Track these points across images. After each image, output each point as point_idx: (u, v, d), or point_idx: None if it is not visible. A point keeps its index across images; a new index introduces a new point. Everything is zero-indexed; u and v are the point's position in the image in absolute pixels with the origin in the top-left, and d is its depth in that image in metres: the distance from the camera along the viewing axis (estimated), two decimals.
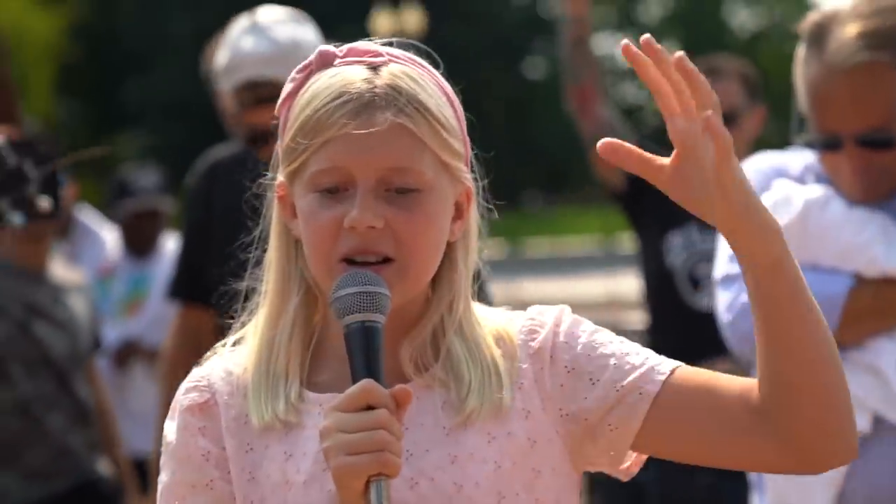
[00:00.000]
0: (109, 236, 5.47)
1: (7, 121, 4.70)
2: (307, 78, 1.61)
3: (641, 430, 1.56)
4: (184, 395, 1.63)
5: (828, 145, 2.55)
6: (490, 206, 1.69)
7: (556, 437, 1.58)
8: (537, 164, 47.93)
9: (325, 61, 1.60)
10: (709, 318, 3.65)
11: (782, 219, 2.41)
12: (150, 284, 5.19)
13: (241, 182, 3.38)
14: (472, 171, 1.66)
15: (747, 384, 1.55)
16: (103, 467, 4.12)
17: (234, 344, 1.66)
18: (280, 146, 1.61)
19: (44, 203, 2.62)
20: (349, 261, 1.51)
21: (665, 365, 1.58)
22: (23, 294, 3.96)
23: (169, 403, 3.40)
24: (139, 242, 5.38)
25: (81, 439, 4.05)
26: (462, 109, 1.65)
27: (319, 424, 1.44)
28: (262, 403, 1.55)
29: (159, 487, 1.62)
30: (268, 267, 1.64)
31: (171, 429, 1.62)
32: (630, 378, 1.56)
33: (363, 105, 1.51)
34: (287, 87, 1.63)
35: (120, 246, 5.45)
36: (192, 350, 3.44)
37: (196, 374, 1.65)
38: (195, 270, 3.52)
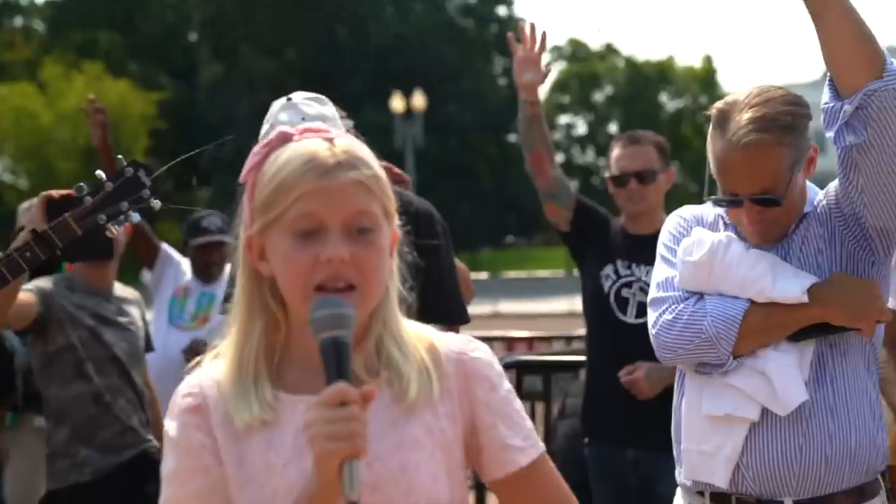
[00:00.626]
0: (185, 264, 5.52)
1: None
2: (269, 153, 1.60)
3: (493, 482, 1.64)
4: (181, 399, 1.60)
5: (731, 203, 2.51)
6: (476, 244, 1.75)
7: (460, 445, 1.60)
8: (515, 211, 47.20)
9: (285, 139, 1.60)
10: (631, 329, 3.77)
11: (695, 257, 2.51)
12: (215, 302, 5.23)
13: None
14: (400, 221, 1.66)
15: None
16: (153, 441, 4.06)
17: (214, 358, 1.65)
18: (248, 206, 1.61)
19: (155, 204, 2.74)
20: (321, 288, 1.50)
21: (533, 449, 1.62)
22: (93, 307, 3.94)
23: None
24: (206, 270, 5.40)
25: (139, 419, 4.02)
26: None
27: (299, 418, 1.46)
28: (241, 408, 1.54)
29: (163, 474, 1.60)
30: (237, 300, 1.63)
31: (171, 426, 1.59)
32: (512, 442, 1.60)
33: (329, 168, 1.52)
34: (252, 160, 1.63)
35: (192, 272, 5.48)
36: None
37: (190, 382, 1.62)
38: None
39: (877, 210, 2.39)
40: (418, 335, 1.64)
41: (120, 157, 2.90)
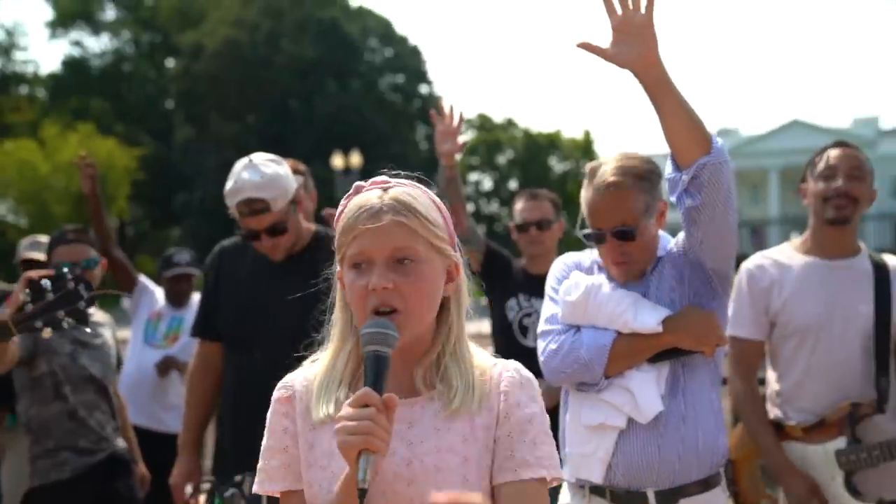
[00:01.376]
0: (158, 293, 5.43)
1: (97, 221, 4.75)
2: (349, 202, 1.61)
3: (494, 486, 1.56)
4: (276, 391, 1.64)
5: (596, 238, 2.57)
6: None
7: (490, 450, 1.56)
8: None
9: (357, 190, 1.62)
10: (531, 351, 3.66)
11: (573, 296, 2.57)
12: (183, 324, 5.13)
13: (239, 261, 3.40)
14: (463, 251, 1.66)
15: None
16: (122, 443, 4.02)
17: (312, 362, 1.65)
18: (336, 245, 1.62)
19: (88, 313, 2.70)
20: (376, 312, 1.51)
21: (542, 470, 1.55)
22: (71, 332, 3.61)
23: (191, 399, 3.45)
24: (177, 297, 5.32)
25: (112, 427, 3.93)
26: (448, 214, 1.65)
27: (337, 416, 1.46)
28: (319, 405, 1.56)
29: (262, 448, 1.63)
30: (334, 322, 1.64)
31: (269, 411, 1.63)
32: (521, 456, 1.55)
33: (374, 213, 1.53)
34: (340, 209, 1.63)
35: (165, 299, 5.40)
36: (207, 366, 3.46)
37: (286, 379, 1.65)
38: (209, 318, 3.43)
39: (713, 257, 2.48)
40: (475, 358, 1.62)
41: (66, 270, 2.82)
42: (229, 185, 3.22)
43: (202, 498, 3.51)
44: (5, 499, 4.11)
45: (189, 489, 3.50)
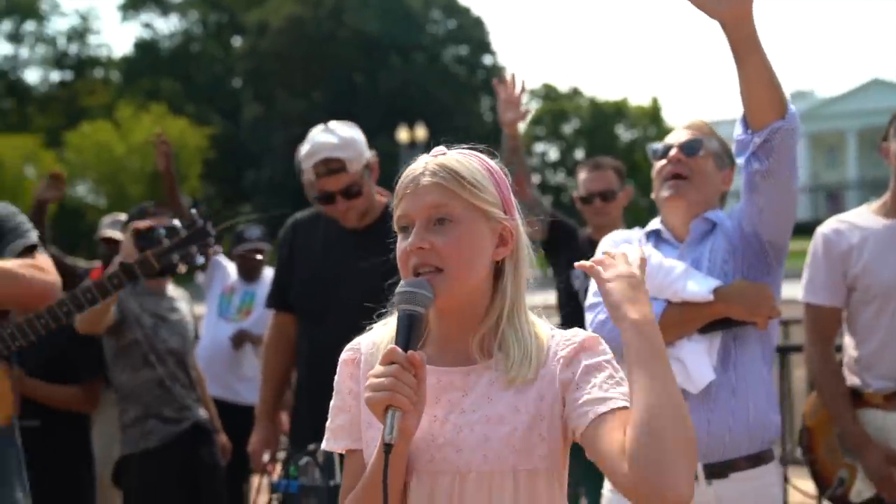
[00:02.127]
0: (231, 268, 5.51)
1: (172, 199, 4.88)
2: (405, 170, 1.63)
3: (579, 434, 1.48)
4: (344, 353, 1.65)
5: (664, 151, 2.63)
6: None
7: (549, 421, 1.52)
8: None
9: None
10: None
11: None
12: (255, 298, 5.21)
13: (311, 234, 3.46)
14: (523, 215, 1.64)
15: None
16: (204, 413, 4.10)
17: (384, 325, 1.64)
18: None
19: (215, 249, 2.75)
20: (416, 272, 1.53)
21: (616, 401, 1.47)
22: (152, 307, 3.95)
23: (267, 369, 3.54)
24: (248, 272, 5.39)
25: (192, 398, 4.02)
26: (505, 180, 1.63)
27: (429, 389, 1.48)
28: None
29: (330, 407, 1.64)
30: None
31: (338, 371, 1.64)
32: (597, 395, 1.48)
33: (416, 177, 1.56)
34: (399, 176, 1.64)
35: (237, 274, 5.47)
36: (281, 337, 3.51)
37: (354, 341, 1.66)
38: (282, 290, 3.47)
39: (772, 228, 2.46)
40: (536, 327, 1.60)
41: (194, 210, 2.87)
42: (305, 148, 3.28)
43: (278, 466, 3.58)
44: (98, 462, 4.26)
45: (266, 456, 3.58)
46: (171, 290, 4.25)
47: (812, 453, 3.11)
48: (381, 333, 1.64)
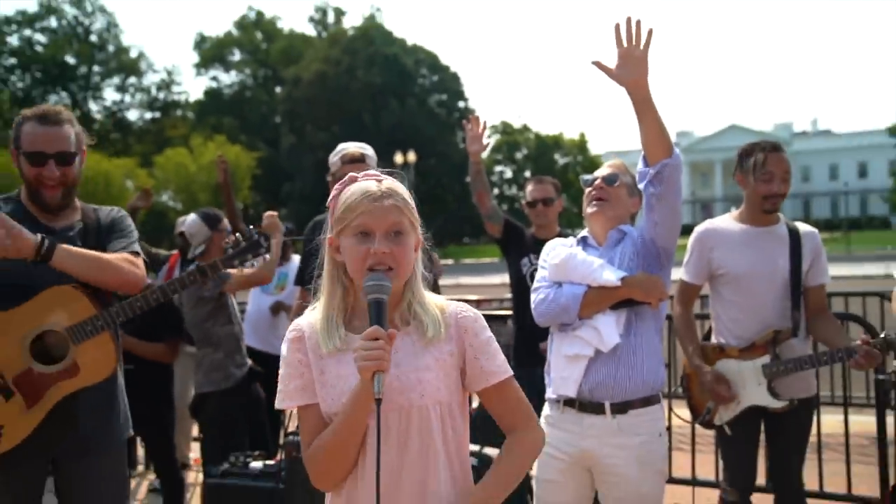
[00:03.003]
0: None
1: (228, 203, 4.73)
2: (344, 188, 1.57)
3: (474, 391, 1.57)
4: (289, 333, 1.58)
5: (591, 181, 2.60)
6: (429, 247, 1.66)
7: (455, 369, 1.54)
8: (469, 224, 46.50)
9: (352, 180, 1.57)
10: None
11: (556, 260, 2.54)
12: (287, 277, 5.05)
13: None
14: (422, 230, 1.61)
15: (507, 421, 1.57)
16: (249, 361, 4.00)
17: (311, 310, 1.59)
18: (330, 220, 1.57)
19: (266, 255, 2.71)
20: (371, 269, 1.48)
21: (502, 374, 1.55)
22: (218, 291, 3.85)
23: None
24: (281, 257, 5.28)
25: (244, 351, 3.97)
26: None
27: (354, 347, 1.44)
28: (326, 340, 1.52)
29: (279, 376, 1.57)
30: (324, 277, 1.58)
31: (283, 349, 1.57)
32: (487, 369, 1.54)
33: (377, 197, 1.50)
34: (334, 192, 1.59)
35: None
36: (306, 307, 3.55)
37: (295, 323, 1.59)
38: (306, 271, 3.34)
39: (663, 236, 2.45)
40: (433, 300, 1.58)
41: (251, 227, 2.80)
42: (335, 151, 3.33)
43: None
44: (176, 398, 4.21)
45: None
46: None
47: (689, 392, 3.11)
48: (315, 316, 1.57)
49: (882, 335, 2.82)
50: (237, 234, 2.61)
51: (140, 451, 5.32)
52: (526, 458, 1.58)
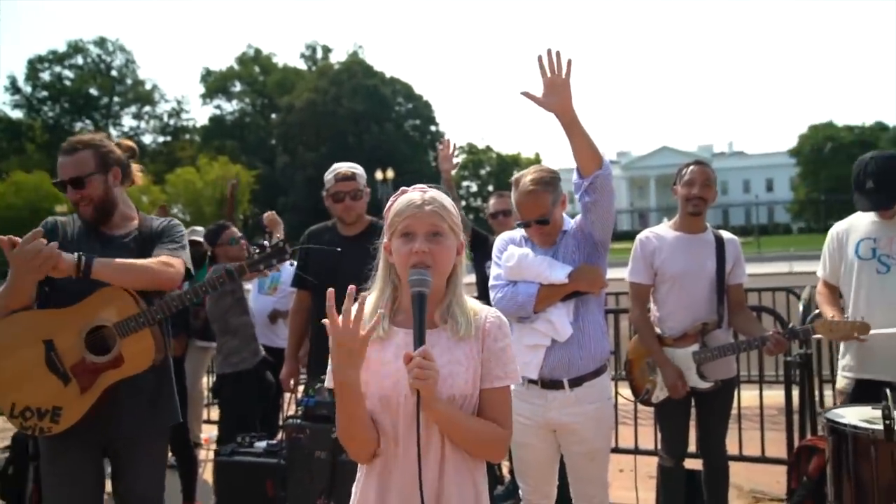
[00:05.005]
0: None
1: (230, 213, 4.81)
2: (396, 199, 1.54)
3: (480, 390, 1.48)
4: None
5: (525, 225, 2.49)
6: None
7: (479, 366, 1.47)
8: None
9: (403, 192, 1.54)
10: None
11: (510, 263, 2.46)
12: (280, 279, 4.83)
13: (320, 239, 3.27)
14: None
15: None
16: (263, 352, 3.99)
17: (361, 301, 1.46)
18: (386, 226, 1.52)
19: (284, 260, 2.55)
20: (414, 266, 1.44)
21: (507, 380, 1.49)
22: (237, 288, 3.85)
23: (293, 327, 3.39)
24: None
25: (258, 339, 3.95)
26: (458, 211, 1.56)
27: (401, 339, 1.43)
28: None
29: (329, 360, 1.47)
30: (378, 275, 1.54)
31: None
32: (496, 373, 1.48)
33: (419, 204, 1.48)
34: (389, 203, 1.55)
35: None
36: (301, 307, 3.39)
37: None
38: (301, 276, 3.32)
39: (600, 232, 2.42)
40: (470, 304, 1.53)
41: (279, 236, 2.67)
42: (330, 171, 3.24)
43: (300, 388, 3.51)
44: (189, 387, 4.15)
45: (291, 383, 3.50)
46: None
47: (631, 374, 3.11)
48: (365, 304, 1.48)
49: (790, 325, 2.89)
50: (265, 241, 2.55)
51: None
52: (494, 435, 1.47)
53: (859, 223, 2.89)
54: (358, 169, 3.26)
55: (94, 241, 2.25)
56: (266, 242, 2.51)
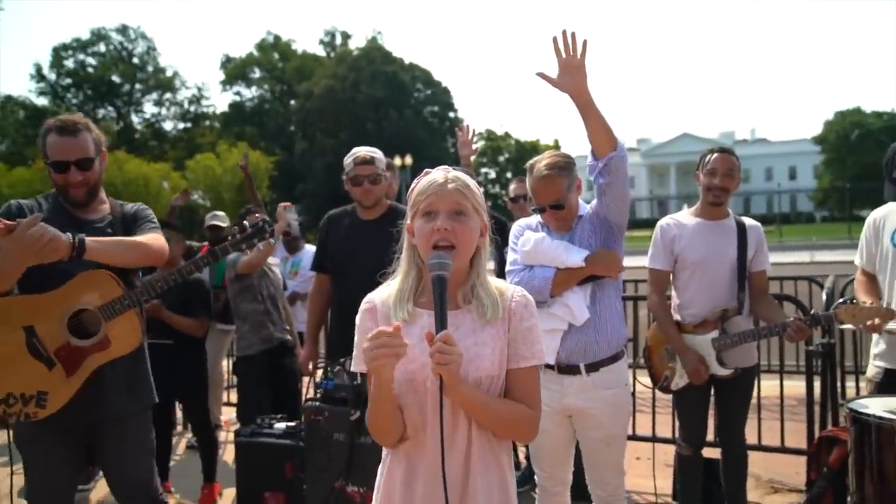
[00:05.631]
0: (280, 244, 5.14)
1: (251, 192, 4.76)
2: (419, 180, 1.51)
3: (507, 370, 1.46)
4: (364, 304, 1.51)
5: (539, 211, 2.48)
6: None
7: (506, 347, 1.45)
8: None
9: (427, 173, 1.52)
10: None
11: (527, 248, 2.45)
12: (300, 264, 4.98)
13: (339, 223, 3.30)
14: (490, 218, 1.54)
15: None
16: (289, 337, 4.00)
17: (387, 285, 1.52)
18: (409, 207, 1.50)
19: (272, 240, 2.61)
20: (436, 247, 1.42)
21: (534, 360, 1.46)
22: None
23: (312, 310, 3.42)
24: (291, 247, 5.15)
25: (279, 327, 3.92)
26: (481, 193, 1.52)
27: (425, 321, 1.40)
28: (397, 312, 1.44)
29: (355, 343, 1.49)
30: (402, 258, 1.51)
31: (357, 319, 1.50)
32: (522, 353, 1.46)
33: (441, 184, 1.46)
34: (413, 185, 1.52)
35: (284, 248, 5.18)
36: (321, 290, 3.38)
37: (368, 297, 1.51)
38: (321, 259, 3.32)
39: (615, 216, 2.40)
40: (494, 283, 1.50)
41: (258, 215, 2.73)
42: (349, 154, 3.20)
43: (319, 371, 3.54)
44: (210, 369, 4.20)
45: (311, 366, 3.52)
46: (270, 259, 4.13)
47: (649, 361, 3.10)
48: (388, 290, 1.50)
49: (812, 312, 2.84)
50: (244, 223, 2.56)
51: (178, 415, 5.31)
52: (521, 416, 1.44)
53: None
54: (377, 153, 3.25)
55: (68, 225, 2.18)
56: (246, 223, 2.52)
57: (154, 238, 2.27)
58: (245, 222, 2.54)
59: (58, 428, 2.20)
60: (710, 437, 3.14)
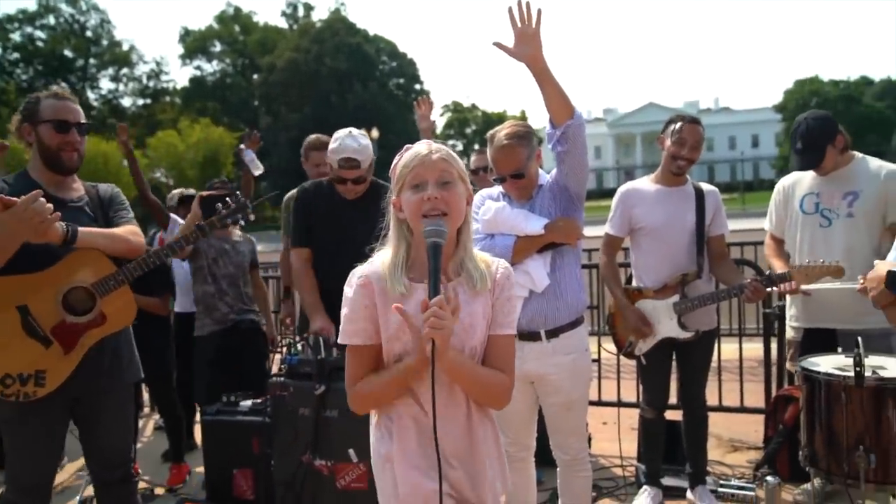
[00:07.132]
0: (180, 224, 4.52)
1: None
2: (401, 155, 1.51)
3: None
4: (357, 279, 1.48)
5: (500, 180, 2.47)
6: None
7: (490, 315, 1.48)
8: None
9: (408, 148, 1.52)
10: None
11: (487, 216, 2.45)
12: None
13: (319, 197, 3.05)
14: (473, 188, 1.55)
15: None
16: (250, 315, 3.83)
17: (370, 263, 1.50)
18: (393, 182, 1.51)
19: (250, 217, 2.53)
20: (426, 216, 1.42)
21: (510, 329, 1.50)
22: (217, 244, 3.76)
23: (306, 284, 2.98)
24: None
25: (239, 307, 3.79)
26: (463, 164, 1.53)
27: (419, 294, 1.40)
28: (394, 285, 1.43)
29: (342, 317, 1.48)
30: (391, 233, 1.51)
31: (348, 292, 1.48)
32: (500, 321, 1.48)
33: (426, 154, 1.46)
34: (396, 160, 1.51)
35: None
36: (307, 264, 3.07)
37: (361, 271, 1.49)
38: (302, 233, 3.08)
39: (574, 184, 2.39)
40: (480, 255, 1.52)
41: (238, 193, 2.62)
42: (334, 145, 2.96)
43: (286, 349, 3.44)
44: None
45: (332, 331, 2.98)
46: (237, 234, 3.94)
47: (613, 329, 3.14)
48: (378, 264, 1.49)
49: (767, 273, 2.89)
50: (227, 199, 2.51)
51: (145, 395, 5.24)
52: (498, 382, 1.48)
53: (804, 178, 2.96)
54: (364, 146, 2.98)
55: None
56: (229, 199, 2.50)
57: (133, 232, 2.33)
58: (227, 199, 2.50)
59: (41, 403, 2.19)
60: (673, 400, 3.18)
